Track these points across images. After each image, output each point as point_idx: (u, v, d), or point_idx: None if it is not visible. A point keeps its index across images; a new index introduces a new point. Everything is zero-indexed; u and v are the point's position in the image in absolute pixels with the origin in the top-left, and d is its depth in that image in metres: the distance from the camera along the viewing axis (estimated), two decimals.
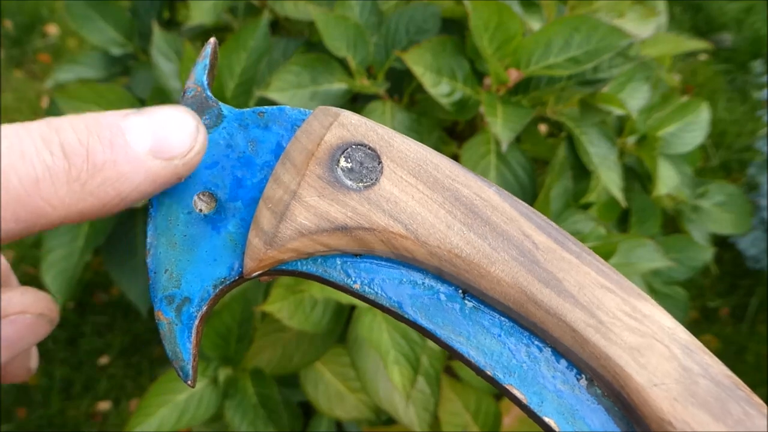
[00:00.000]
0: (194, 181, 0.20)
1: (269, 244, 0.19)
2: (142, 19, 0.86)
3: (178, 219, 0.20)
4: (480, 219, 0.18)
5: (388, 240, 0.18)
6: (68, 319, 1.30)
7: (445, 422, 0.66)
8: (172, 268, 0.20)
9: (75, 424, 1.17)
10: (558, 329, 0.18)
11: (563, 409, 0.18)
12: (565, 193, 0.68)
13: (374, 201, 0.18)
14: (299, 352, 0.68)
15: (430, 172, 0.19)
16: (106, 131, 0.18)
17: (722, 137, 1.52)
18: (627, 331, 0.17)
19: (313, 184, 0.19)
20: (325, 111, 0.20)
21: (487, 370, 0.18)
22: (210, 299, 0.19)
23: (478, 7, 0.62)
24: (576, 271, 0.18)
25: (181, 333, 0.19)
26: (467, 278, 0.18)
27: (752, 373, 1.23)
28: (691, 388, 0.17)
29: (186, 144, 0.19)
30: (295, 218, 0.19)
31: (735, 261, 1.32)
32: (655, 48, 0.81)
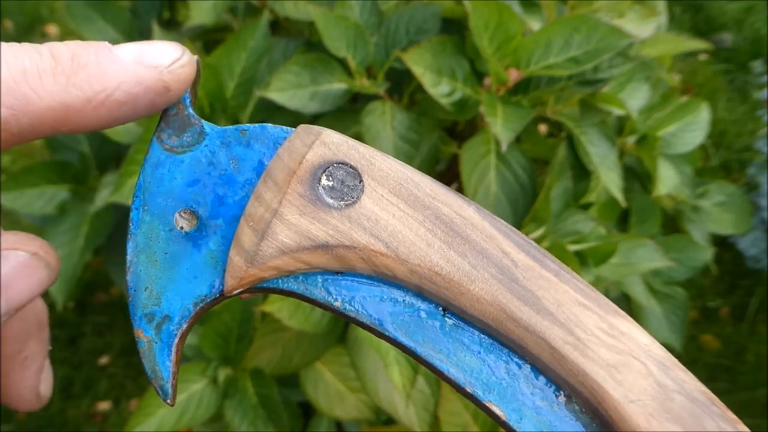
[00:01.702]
0: (175, 198, 0.20)
1: (250, 263, 0.19)
2: (142, 19, 0.86)
3: (158, 236, 0.20)
4: (460, 237, 0.18)
5: (368, 258, 0.19)
6: (68, 319, 1.30)
7: (445, 422, 0.66)
8: (152, 286, 0.20)
9: (75, 424, 1.17)
10: (537, 346, 0.18)
11: (542, 425, 0.18)
12: (565, 193, 0.68)
13: (355, 219, 0.19)
14: (299, 352, 0.68)
15: (410, 191, 0.19)
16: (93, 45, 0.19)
17: (722, 137, 1.52)
18: (604, 348, 0.18)
19: (294, 202, 0.19)
20: (307, 129, 0.20)
21: (467, 387, 0.18)
22: (190, 317, 0.20)
23: (478, 7, 0.62)
24: (554, 289, 0.18)
25: (160, 351, 0.19)
26: (447, 296, 0.18)
27: (752, 373, 1.22)
28: (667, 405, 0.17)
29: (170, 55, 0.19)
30: (276, 236, 0.19)
31: (735, 261, 1.32)
32: (655, 48, 0.81)
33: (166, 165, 0.20)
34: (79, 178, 0.79)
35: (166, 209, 0.20)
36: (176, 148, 0.20)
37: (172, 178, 0.20)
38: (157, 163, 0.20)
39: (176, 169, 0.20)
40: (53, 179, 0.79)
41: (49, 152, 0.85)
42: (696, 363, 1.25)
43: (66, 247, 0.77)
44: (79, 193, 0.79)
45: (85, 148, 0.81)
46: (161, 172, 0.20)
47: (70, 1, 0.84)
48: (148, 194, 0.20)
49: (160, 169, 0.20)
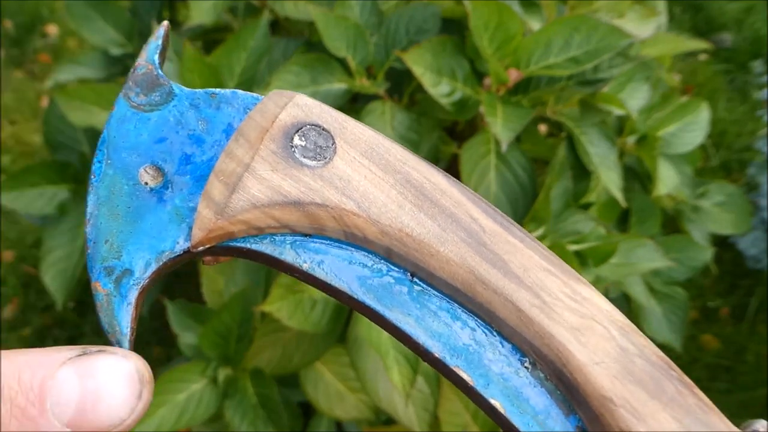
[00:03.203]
0: (141, 154, 0.20)
1: (220, 214, 0.19)
2: (142, 19, 0.86)
3: (122, 190, 0.19)
4: (430, 201, 0.19)
5: (340, 217, 0.18)
6: (68, 319, 1.30)
7: (445, 422, 0.66)
8: (113, 239, 0.19)
9: None
10: (504, 309, 0.18)
11: (508, 391, 0.18)
12: (565, 193, 0.68)
13: (327, 178, 0.19)
14: (299, 352, 0.68)
15: (382, 155, 0.19)
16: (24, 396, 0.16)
17: (722, 137, 1.52)
18: (568, 311, 0.18)
19: (266, 158, 0.19)
20: (279, 93, 0.20)
21: (435, 352, 0.18)
22: (152, 272, 0.19)
23: (478, 7, 0.62)
24: (520, 254, 0.18)
25: (119, 305, 0.19)
26: (417, 258, 0.18)
27: (752, 373, 1.22)
28: (629, 367, 0.17)
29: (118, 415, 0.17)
30: (248, 190, 0.19)
31: (735, 261, 1.32)
32: (655, 48, 0.81)
33: (132, 121, 0.20)
34: (79, 178, 0.79)
35: (131, 164, 0.20)
36: (143, 105, 0.20)
37: (138, 134, 0.20)
38: (122, 118, 0.20)
39: (142, 126, 0.20)
40: (53, 179, 0.79)
41: (49, 152, 0.85)
42: (696, 363, 1.25)
43: (66, 247, 0.77)
44: (79, 193, 0.79)
45: (85, 148, 0.81)
46: (127, 127, 0.20)
47: (70, 1, 0.84)
48: (112, 148, 0.20)
49: (126, 125, 0.20)
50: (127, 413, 0.17)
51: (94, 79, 0.85)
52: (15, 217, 1.33)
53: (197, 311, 0.74)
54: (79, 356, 0.17)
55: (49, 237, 0.78)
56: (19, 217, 1.27)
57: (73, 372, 0.16)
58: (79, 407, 0.16)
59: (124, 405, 0.17)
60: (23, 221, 1.32)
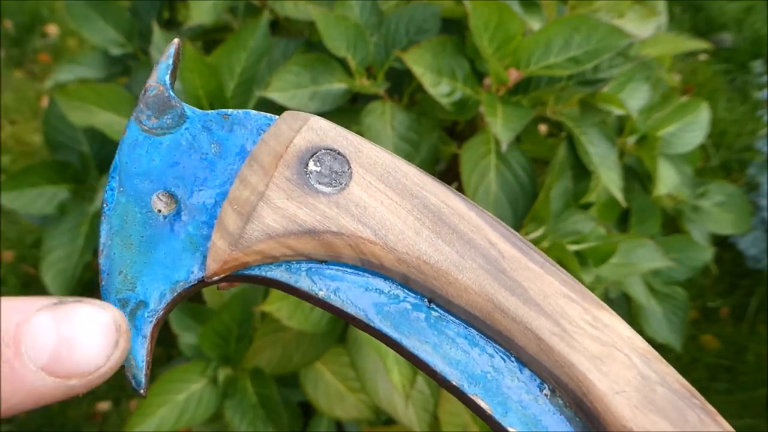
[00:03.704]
0: (153, 180, 0.19)
1: (234, 246, 0.18)
2: (142, 19, 0.86)
3: (134, 219, 0.19)
4: (448, 227, 0.18)
5: (356, 245, 0.18)
6: None
7: (445, 422, 0.66)
8: (126, 270, 0.19)
9: (75, 424, 1.17)
10: (523, 337, 0.18)
11: (527, 419, 0.18)
12: (565, 193, 0.68)
13: (343, 205, 0.18)
14: (299, 352, 0.68)
15: (399, 179, 0.19)
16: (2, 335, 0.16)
17: (722, 137, 1.52)
18: (589, 339, 0.18)
19: (281, 186, 0.18)
20: (293, 115, 0.19)
21: (452, 380, 0.18)
22: (167, 304, 0.19)
23: (478, 7, 0.62)
24: (540, 281, 0.18)
25: (134, 339, 0.18)
26: (434, 285, 0.18)
27: (752, 373, 1.22)
28: (650, 396, 0.17)
29: (93, 362, 0.17)
30: (263, 219, 0.18)
31: (735, 261, 1.32)
32: (655, 48, 0.81)
33: (144, 146, 0.20)
34: (79, 178, 0.79)
35: (143, 191, 0.19)
36: (155, 129, 0.20)
37: (150, 159, 0.20)
38: (134, 143, 0.20)
39: (155, 151, 0.20)
40: (53, 179, 0.79)
41: (49, 152, 0.85)
42: (696, 363, 1.25)
43: (66, 247, 0.77)
44: (79, 193, 0.79)
45: (85, 148, 0.81)
46: (139, 152, 0.20)
47: (70, 1, 0.84)
48: (124, 175, 0.19)
49: (138, 150, 0.20)
50: (103, 360, 0.17)
51: (94, 79, 0.85)
52: (15, 217, 1.33)
53: (197, 311, 0.74)
54: (55, 304, 0.17)
55: (49, 237, 0.78)
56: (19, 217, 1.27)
57: (49, 318, 0.16)
58: (55, 352, 0.16)
59: (100, 352, 0.17)
60: (23, 221, 1.32)
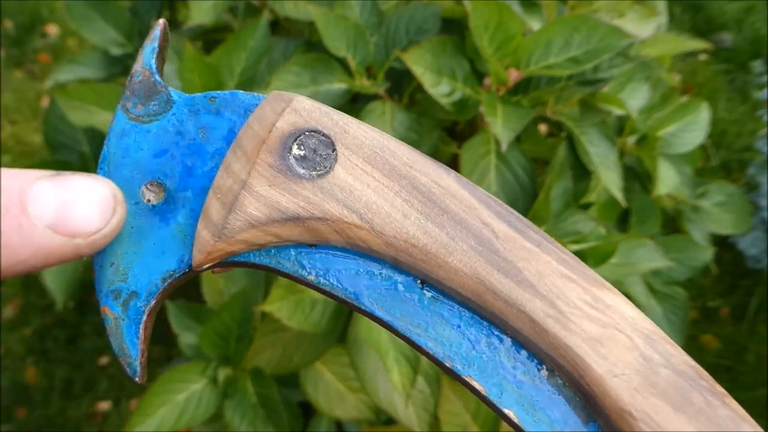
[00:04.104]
0: (141, 170, 0.19)
1: (218, 237, 0.18)
2: (142, 19, 0.86)
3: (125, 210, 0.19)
4: (438, 207, 0.18)
5: (342, 230, 0.18)
6: (68, 319, 1.30)
7: (445, 422, 0.66)
8: (118, 262, 0.19)
9: (75, 424, 1.17)
10: (517, 320, 0.17)
11: (523, 400, 0.18)
12: (565, 193, 0.68)
13: (328, 190, 0.18)
14: (299, 352, 0.68)
15: (386, 159, 0.18)
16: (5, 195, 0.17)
17: (722, 137, 1.52)
18: (587, 320, 0.17)
19: (263, 173, 0.18)
20: (278, 96, 0.19)
21: (446, 362, 0.18)
22: (159, 293, 0.19)
23: (478, 7, 0.62)
24: (536, 260, 0.18)
25: (128, 328, 0.19)
26: (424, 268, 0.18)
27: (752, 373, 1.22)
28: (652, 378, 0.17)
29: (94, 223, 0.18)
30: (245, 209, 0.18)
31: (735, 261, 1.32)
32: (655, 48, 0.81)
33: (131, 135, 0.19)
34: None
35: (132, 181, 0.19)
36: (142, 117, 0.20)
37: (139, 148, 0.19)
38: (122, 132, 0.19)
39: (143, 139, 0.19)
40: None
41: (49, 152, 0.85)
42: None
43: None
44: None
45: (85, 148, 0.81)
46: (126, 142, 0.19)
47: (70, 1, 0.84)
48: (113, 166, 0.19)
49: (126, 139, 0.19)
50: (103, 223, 0.18)
51: (94, 79, 0.85)
52: None
53: (197, 311, 0.74)
54: (53, 175, 0.17)
55: None
56: None
57: (49, 185, 0.17)
58: (58, 212, 0.17)
59: (100, 215, 0.18)
60: None
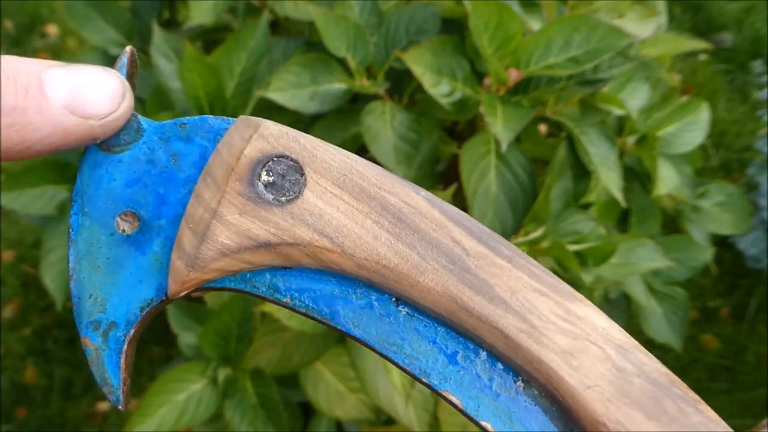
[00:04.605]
0: (115, 200, 0.19)
1: (191, 266, 0.18)
2: (142, 19, 0.86)
3: (100, 241, 0.19)
4: (408, 227, 0.18)
5: (314, 254, 0.18)
6: (68, 319, 1.30)
7: (445, 422, 0.66)
8: (96, 293, 0.19)
9: (75, 424, 1.17)
10: (491, 335, 0.18)
11: (500, 412, 0.18)
12: (565, 193, 0.68)
13: (298, 215, 0.18)
14: (299, 352, 0.68)
15: (355, 182, 0.18)
16: (24, 77, 0.18)
17: (722, 137, 1.52)
18: (560, 334, 0.17)
19: (233, 201, 0.18)
20: (245, 122, 0.19)
21: (423, 377, 0.18)
22: (137, 322, 0.19)
23: (478, 7, 0.62)
24: (508, 276, 0.18)
25: (109, 358, 0.19)
26: (397, 288, 0.18)
27: (752, 373, 1.22)
28: (625, 388, 0.17)
29: (105, 106, 0.18)
30: (216, 238, 0.18)
31: (735, 261, 1.32)
32: (655, 48, 0.81)
33: (103, 166, 0.20)
34: None
35: (106, 212, 0.19)
36: (113, 147, 0.20)
37: (111, 179, 0.20)
38: (94, 164, 0.20)
39: (114, 170, 0.20)
40: (53, 179, 0.79)
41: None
42: (696, 363, 1.25)
43: (66, 247, 0.77)
44: None
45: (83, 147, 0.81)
46: (99, 173, 0.20)
47: (70, 1, 0.84)
48: (86, 198, 0.19)
49: (98, 171, 0.20)
50: (114, 107, 0.19)
51: None
52: (15, 217, 1.33)
53: (197, 311, 0.74)
54: (65, 64, 0.19)
55: (49, 237, 0.78)
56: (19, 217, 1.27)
57: (61, 71, 0.18)
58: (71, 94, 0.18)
59: (110, 99, 0.19)
60: (23, 221, 1.32)
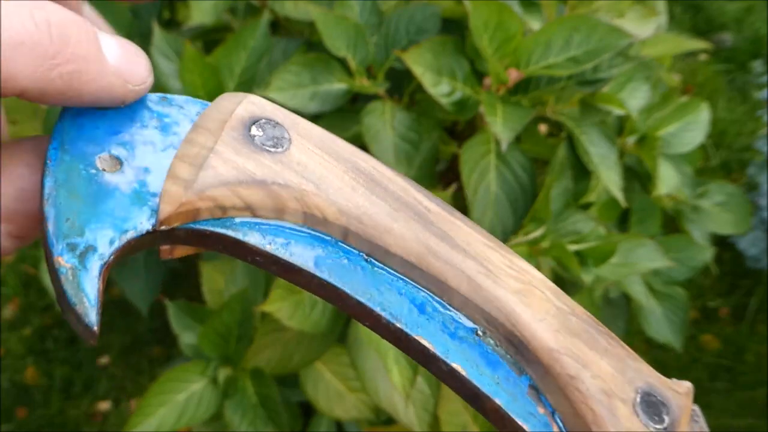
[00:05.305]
0: (97, 144, 0.20)
1: (189, 188, 0.19)
2: (142, 19, 0.86)
3: (80, 175, 0.19)
4: (379, 186, 0.21)
5: (301, 197, 0.20)
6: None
7: (445, 422, 0.66)
8: (74, 218, 0.18)
9: (75, 424, 1.17)
10: (455, 278, 0.20)
11: (467, 356, 0.20)
12: (565, 193, 0.68)
13: (286, 163, 0.20)
14: (299, 352, 0.68)
15: (333, 148, 0.21)
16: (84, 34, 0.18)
17: (722, 137, 1.52)
18: (511, 279, 0.20)
19: (229, 143, 0.20)
20: (232, 94, 0.21)
21: (395, 323, 0.20)
22: (115, 250, 0.19)
23: (478, 7, 0.62)
24: (463, 232, 0.21)
25: (84, 277, 0.18)
26: (373, 236, 0.20)
27: (752, 373, 1.23)
28: (566, 323, 0.20)
29: (143, 74, 0.20)
30: (215, 168, 0.19)
31: (735, 261, 1.32)
32: (655, 48, 0.81)
33: (86, 115, 0.20)
34: None
35: (87, 152, 0.19)
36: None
37: (94, 127, 0.20)
38: (77, 112, 0.20)
39: (98, 120, 0.20)
40: None
41: None
42: (696, 363, 1.25)
43: None
44: None
45: None
46: (81, 121, 0.20)
47: None
48: (66, 137, 0.19)
49: (80, 119, 0.20)
50: (147, 76, 0.20)
51: None
52: None
53: (197, 311, 0.74)
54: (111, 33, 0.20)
55: None
56: None
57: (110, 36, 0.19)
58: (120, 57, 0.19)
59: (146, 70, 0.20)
60: None
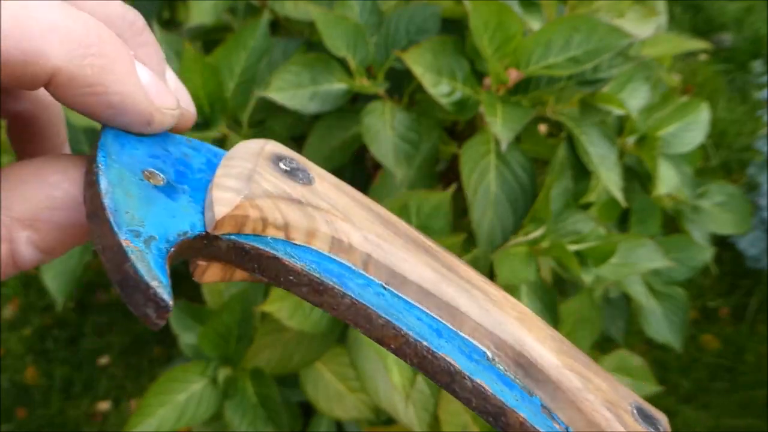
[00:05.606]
0: (140, 161, 0.20)
1: (240, 194, 0.20)
2: None
3: (131, 180, 0.19)
4: (389, 222, 0.23)
5: (331, 221, 0.21)
6: (68, 319, 1.30)
7: (445, 422, 0.66)
8: (133, 212, 0.19)
9: (75, 424, 1.17)
10: (467, 304, 0.22)
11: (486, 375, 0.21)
12: (565, 193, 0.68)
13: (315, 193, 0.22)
14: (299, 352, 0.68)
15: (345, 189, 0.23)
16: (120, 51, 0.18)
17: (722, 137, 1.52)
18: (509, 308, 0.23)
19: (266, 168, 0.22)
20: (252, 140, 0.23)
21: (422, 341, 0.21)
22: (175, 245, 0.19)
23: (478, 7, 0.62)
24: (462, 267, 0.23)
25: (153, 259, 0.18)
26: (393, 263, 0.22)
27: (752, 373, 1.22)
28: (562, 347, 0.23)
29: (171, 102, 0.20)
30: (260, 183, 0.21)
31: (735, 261, 1.32)
32: (655, 48, 0.81)
33: (125, 137, 0.20)
34: None
35: (133, 165, 0.20)
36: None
37: (134, 148, 0.20)
38: (116, 134, 0.20)
39: (136, 143, 0.21)
40: None
41: None
42: (696, 363, 1.25)
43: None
44: None
45: (85, 148, 0.81)
46: (122, 141, 0.20)
47: None
48: (112, 151, 0.20)
49: (121, 139, 0.20)
50: (175, 105, 0.21)
51: None
52: None
53: (197, 311, 0.74)
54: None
55: None
56: None
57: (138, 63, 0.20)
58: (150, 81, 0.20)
59: (173, 98, 0.21)
60: None
